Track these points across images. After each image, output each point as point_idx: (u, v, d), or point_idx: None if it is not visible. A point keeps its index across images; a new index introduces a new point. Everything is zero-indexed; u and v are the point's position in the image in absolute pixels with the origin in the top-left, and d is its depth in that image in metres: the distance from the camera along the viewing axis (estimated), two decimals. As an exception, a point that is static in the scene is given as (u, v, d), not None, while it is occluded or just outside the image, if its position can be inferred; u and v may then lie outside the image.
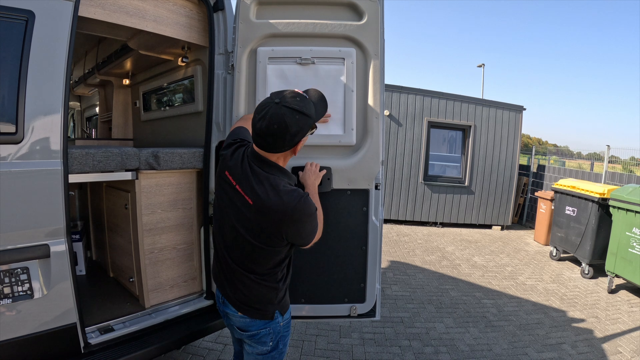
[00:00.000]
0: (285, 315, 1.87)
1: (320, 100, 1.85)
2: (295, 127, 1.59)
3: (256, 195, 1.63)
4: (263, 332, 1.81)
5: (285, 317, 1.88)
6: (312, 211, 1.66)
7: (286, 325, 1.90)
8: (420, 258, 6.68)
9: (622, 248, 5.34)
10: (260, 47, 2.36)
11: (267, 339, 1.82)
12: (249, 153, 1.74)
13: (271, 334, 1.82)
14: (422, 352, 3.65)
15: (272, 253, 1.71)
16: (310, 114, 1.65)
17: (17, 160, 1.78)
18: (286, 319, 1.89)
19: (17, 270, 1.83)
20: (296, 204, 1.60)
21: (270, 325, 1.81)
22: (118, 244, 3.08)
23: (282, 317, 1.85)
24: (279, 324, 1.84)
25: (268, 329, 1.81)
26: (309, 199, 1.66)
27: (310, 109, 1.66)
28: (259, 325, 1.81)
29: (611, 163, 8.46)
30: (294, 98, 1.62)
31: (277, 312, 1.83)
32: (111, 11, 2.33)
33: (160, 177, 2.70)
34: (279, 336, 1.86)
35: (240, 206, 1.69)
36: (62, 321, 1.97)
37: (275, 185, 1.63)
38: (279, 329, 1.84)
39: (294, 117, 1.58)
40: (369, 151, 2.38)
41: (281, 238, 1.66)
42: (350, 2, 2.37)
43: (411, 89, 8.93)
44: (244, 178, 1.68)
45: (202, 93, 3.19)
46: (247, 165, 1.70)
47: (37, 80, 1.80)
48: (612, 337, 4.16)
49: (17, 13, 1.74)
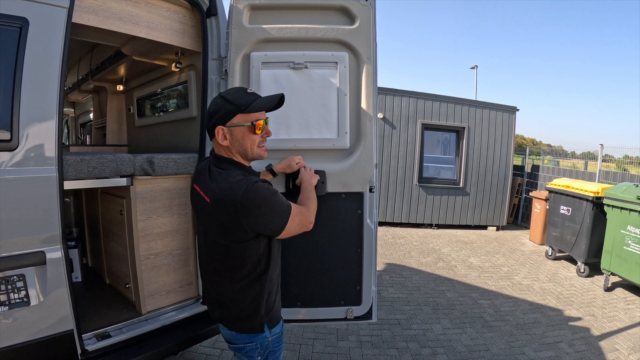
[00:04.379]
0: (274, 330, 1.79)
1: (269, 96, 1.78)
2: (213, 107, 1.66)
3: (210, 191, 1.63)
4: (249, 346, 1.74)
5: (275, 332, 1.79)
6: (266, 195, 1.59)
7: (276, 340, 1.80)
8: (416, 260, 6.70)
9: (617, 246, 5.38)
10: (253, 52, 2.38)
11: (255, 353, 1.75)
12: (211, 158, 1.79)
13: (258, 349, 1.75)
14: (420, 354, 3.65)
15: (243, 249, 1.65)
16: (233, 99, 1.64)
17: (12, 168, 1.78)
18: (275, 334, 1.79)
19: (13, 278, 1.82)
20: (244, 190, 1.54)
21: (256, 340, 1.74)
22: (114, 250, 3.08)
23: (270, 332, 1.76)
24: (266, 339, 1.75)
25: (255, 344, 1.74)
26: (261, 184, 1.59)
27: (237, 97, 1.65)
28: (244, 339, 1.75)
29: (605, 162, 8.53)
30: (233, 87, 1.79)
31: (266, 325, 1.75)
32: (105, 17, 2.33)
33: (155, 183, 2.70)
34: (268, 351, 1.77)
35: (202, 208, 1.71)
36: (58, 328, 1.96)
37: (227, 177, 1.61)
38: (266, 344, 1.76)
39: (215, 100, 1.68)
40: (362, 154, 2.40)
41: (244, 230, 1.59)
42: (343, 7, 2.39)
43: (405, 92, 8.98)
44: (203, 179, 1.72)
45: (196, 98, 3.20)
46: (207, 167, 1.74)
47: (32, 87, 1.80)
48: (609, 334, 4.18)
49: (10, 20, 1.75)
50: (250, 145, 1.69)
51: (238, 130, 1.65)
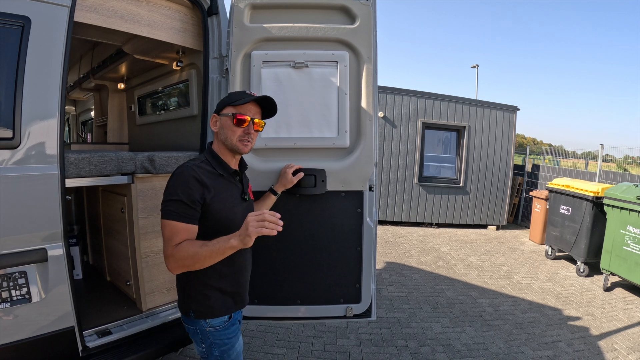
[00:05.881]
0: (211, 322, 1.77)
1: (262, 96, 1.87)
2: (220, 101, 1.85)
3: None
4: (191, 329, 1.80)
5: (213, 324, 1.77)
6: (175, 177, 1.68)
7: (217, 333, 1.78)
8: (416, 259, 6.71)
9: (616, 246, 5.39)
10: (254, 51, 2.38)
11: (197, 337, 1.80)
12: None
13: (199, 334, 1.78)
14: (419, 352, 3.67)
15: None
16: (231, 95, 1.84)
17: (14, 165, 1.79)
18: (214, 326, 1.77)
19: (15, 275, 1.84)
20: (177, 168, 1.72)
21: (196, 325, 1.77)
22: (114, 248, 3.09)
23: (205, 322, 1.76)
24: (204, 328, 1.76)
25: (195, 328, 1.78)
26: (188, 168, 1.68)
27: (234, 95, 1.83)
28: (186, 321, 1.82)
29: (606, 162, 8.53)
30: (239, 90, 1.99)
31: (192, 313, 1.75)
32: (106, 16, 2.35)
33: (156, 181, 2.72)
34: (209, 342, 1.78)
35: None
36: (60, 325, 1.98)
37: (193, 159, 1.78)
38: (205, 332, 1.77)
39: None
40: (362, 153, 2.41)
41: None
42: (343, 6, 2.40)
43: (405, 91, 8.98)
44: None
45: (197, 97, 3.21)
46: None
47: (34, 86, 1.82)
48: (608, 334, 4.19)
49: (13, 19, 1.76)
50: (230, 135, 1.77)
51: (224, 120, 1.78)
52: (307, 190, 2.33)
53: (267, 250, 2.39)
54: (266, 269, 2.42)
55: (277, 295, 2.47)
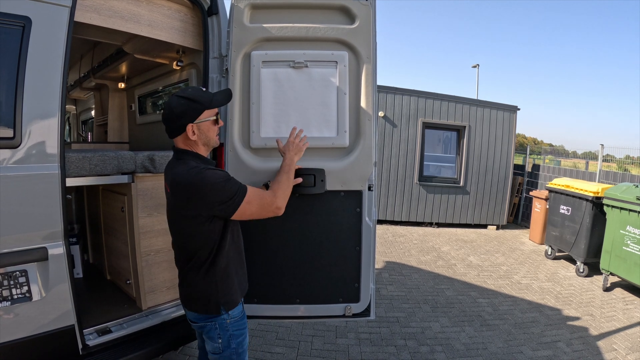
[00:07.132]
0: (232, 313, 1.86)
1: (220, 91, 1.95)
2: (180, 108, 1.75)
3: (169, 178, 1.81)
4: (209, 326, 1.84)
5: (234, 315, 1.87)
6: (214, 178, 1.70)
7: (235, 324, 1.88)
8: (415, 258, 6.72)
9: (616, 246, 5.39)
10: (254, 51, 2.39)
11: (214, 334, 1.84)
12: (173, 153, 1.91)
13: (217, 329, 1.84)
14: (418, 352, 3.67)
15: (198, 233, 1.76)
16: (197, 99, 1.78)
17: (15, 165, 1.80)
18: (234, 317, 1.87)
19: (15, 273, 1.85)
20: (195, 174, 1.69)
21: (215, 320, 1.83)
22: (115, 247, 3.10)
23: (227, 314, 1.84)
24: (224, 320, 1.84)
25: (213, 323, 1.83)
26: (209, 171, 1.71)
27: (199, 96, 1.79)
28: (204, 319, 1.85)
29: (607, 162, 8.53)
30: (188, 89, 1.86)
31: (222, 307, 1.83)
32: (107, 16, 2.35)
33: (156, 180, 2.73)
34: (229, 334, 1.85)
35: (167, 199, 1.87)
36: (60, 323, 1.99)
37: (183, 166, 1.76)
38: (225, 325, 1.84)
39: (179, 102, 1.76)
40: (362, 153, 2.41)
41: (196, 212, 1.72)
42: (343, 6, 2.40)
43: (406, 90, 8.97)
44: (166, 173, 1.87)
45: (197, 96, 3.21)
46: (169, 163, 1.89)
47: (34, 85, 1.83)
48: (607, 334, 4.19)
49: (14, 19, 1.77)
50: (211, 135, 1.86)
51: (204, 125, 1.82)
52: (306, 190, 2.33)
53: (266, 249, 2.40)
54: (266, 268, 2.43)
55: (277, 294, 2.48)
